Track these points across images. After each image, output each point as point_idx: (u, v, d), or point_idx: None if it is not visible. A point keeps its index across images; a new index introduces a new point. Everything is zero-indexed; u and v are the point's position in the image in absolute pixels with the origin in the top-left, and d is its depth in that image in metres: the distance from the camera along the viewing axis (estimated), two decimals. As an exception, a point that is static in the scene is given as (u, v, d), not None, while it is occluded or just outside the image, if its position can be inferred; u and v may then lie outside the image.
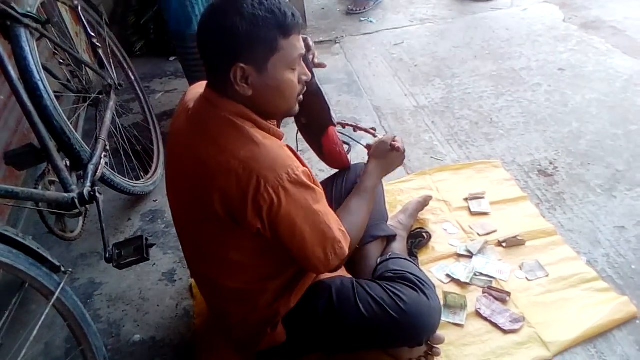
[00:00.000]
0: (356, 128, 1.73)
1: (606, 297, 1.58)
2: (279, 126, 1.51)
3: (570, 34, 3.20)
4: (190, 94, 1.28)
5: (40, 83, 1.60)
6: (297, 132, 1.69)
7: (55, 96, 1.67)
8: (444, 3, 3.84)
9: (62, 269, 1.28)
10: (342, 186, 1.65)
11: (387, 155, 1.48)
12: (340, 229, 1.22)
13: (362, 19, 3.69)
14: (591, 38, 3.12)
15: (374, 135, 1.67)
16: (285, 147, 1.17)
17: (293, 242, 1.16)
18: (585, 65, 2.84)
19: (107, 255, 1.55)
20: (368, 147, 1.55)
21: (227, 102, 1.14)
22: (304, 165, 1.18)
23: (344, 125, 1.74)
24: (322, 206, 1.18)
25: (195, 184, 1.16)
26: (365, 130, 1.71)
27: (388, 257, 1.55)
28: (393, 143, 1.48)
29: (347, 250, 1.23)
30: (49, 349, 1.63)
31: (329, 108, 1.55)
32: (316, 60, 1.53)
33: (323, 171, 2.17)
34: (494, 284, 1.65)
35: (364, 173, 1.46)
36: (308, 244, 1.16)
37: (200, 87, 1.26)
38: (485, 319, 1.55)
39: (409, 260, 1.56)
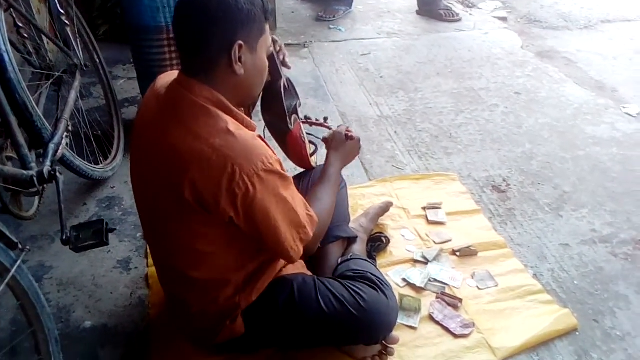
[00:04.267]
0: (312, 124, 1.77)
1: (549, 309, 1.67)
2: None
3: (527, 61, 3.37)
4: (160, 82, 1.27)
5: (5, 55, 1.55)
6: (265, 129, 1.69)
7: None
8: (410, 19, 3.96)
9: (20, 246, 1.23)
10: (308, 186, 1.67)
11: (344, 145, 1.56)
12: (307, 213, 1.26)
13: (331, 26, 3.75)
14: (546, 66, 3.30)
15: (329, 128, 1.72)
16: (258, 137, 1.19)
17: (267, 230, 1.17)
18: (540, 91, 3.00)
19: (64, 237, 1.50)
20: (325, 140, 1.61)
21: (204, 88, 1.14)
22: (275, 154, 1.20)
23: (304, 122, 1.76)
24: (292, 192, 1.22)
25: (166, 172, 1.15)
26: (320, 125, 1.76)
27: (349, 258, 1.58)
28: (347, 132, 1.57)
29: (311, 235, 1.26)
30: (-8, 330, 1.56)
31: (286, 114, 1.56)
32: (286, 60, 1.56)
33: (287, 171, 2.17)
34: (447, 290, 1.71)
35: (325, 164, 1.52)
36: (281, 230, 1.18)
37: (170, 75, 1.26)
38: (438, 323, 1.60)
39: (369, 262, 1.60)
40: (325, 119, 1.77)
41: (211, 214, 1.14)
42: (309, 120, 1.76)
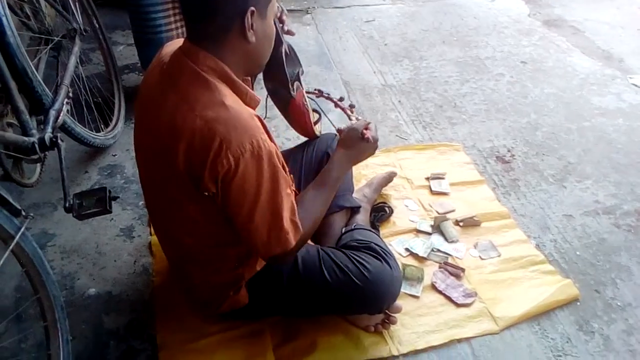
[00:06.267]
0: (335, 103, 1.69)
1: (551, 279, 1.68)
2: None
3: (533, 29, 3.30)
4: (166, 50, 1.24)
5: (4, 18, 1.51)
6: (267, 97, 1.66)
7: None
8: (415, -15, 3.87)
9: (23, 213, 1.23)
10: (312, 155, 1.66)
11: (357, 144, 1.38)
12: (292, 219, 1.17)
13: (334, -8, 3.67)
14: (553, 35, 3.24)
15: (349, 117, 1.60)
16: (256, 117, 1.12)
17: (239, 214, 1.12)
18: (546, 61, 2.95)
19: (67, 205, 1.50)
20: (339, 131, 1.44)
21: (209, 57, 1.10)
22: (272, 141, 1.14)
23: (318, 95, 1.72)
24: (282, 191, 1.13)
25: (162, 141, 1.13)
26: (342, 109, 1.66)
27: (353, 227, 1.58)
28: (364, 132, 1.38)
29: (293, 243, 1.17)
30: (-4, 297, 1.57)
31: (288, 81, 1.51)
32: (286, 27, 1.51)
33: (290, 140, 2.17)
34: (449, 260, 1.71)
35: (329, 162, 1.37)
36: (254, 221, 1.12)
37: (176, 43, 1.22)
38: (440, 292, 1.61)
39: (372, 232, 1.60)
40: (341, 98, 1.69)
41: (198, 189, 1.11)
42: (324, 95, 1.71)
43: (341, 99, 1.70)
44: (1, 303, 1.55)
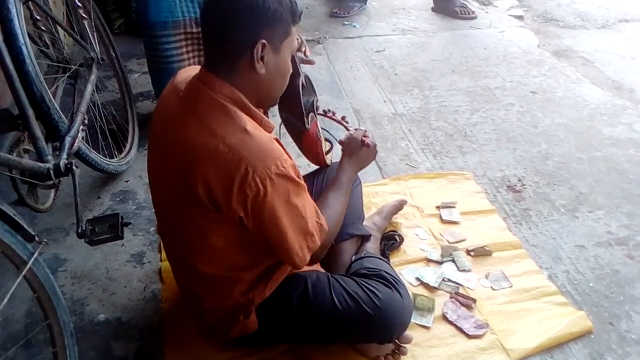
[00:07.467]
0: (330, 118, 1.74)
1: (564, 311, 1.65)
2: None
3: (543, 60, 3.33)
4: (180, 77, 1.27)
5: (24, 47, 1.54)
6: (281, 125, 1.69)
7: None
8: (425, 17, 3.92)
9: (37, 239, 1.24)
10: (323, 183, 1.67)
11: (359, 151, 1.52)
12: (317, 221, 1.24)
13: (345, 22, 3.73)
14: (562, 65, 3.26)
15: (346, 128, 1.69)
16: (274, 140, 1.18)
17: (274, 234, 1.17)
18: (556, 91, 2.96)
19: (80, 230, 1.51)
20: (341, 142, 1.58)
21: (225, 85, 1.13)
22: (290, 158, 1.18)
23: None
24: (303, 199, 1.20)
25: (181, 167, 1.15)
26: (337, 121, 1.74)
27: (363, 256, 1.58)
28: (363, 139, 1.52)
29: (319, 243, 1.25)
30: (7, 322, 1.56)
31: (303, 114, 1.55)
32: (305, 57, 1.55)
33: (300, 167, 2.16)
34: (460, 290, 1.70)
35: (338, 169, 1.49)
36: (288, 236, 1.17)
37: (191, 70, 1.26)
38: (451, 323, 1.59)
39: (382, 260, 1.59)
40: (343, 117, 1.75)
41: (222, 213, 1.14)
42: (327, 115, 1.74)
43: (343, 118, 1.75)
44: (12, 328, 1.56)
